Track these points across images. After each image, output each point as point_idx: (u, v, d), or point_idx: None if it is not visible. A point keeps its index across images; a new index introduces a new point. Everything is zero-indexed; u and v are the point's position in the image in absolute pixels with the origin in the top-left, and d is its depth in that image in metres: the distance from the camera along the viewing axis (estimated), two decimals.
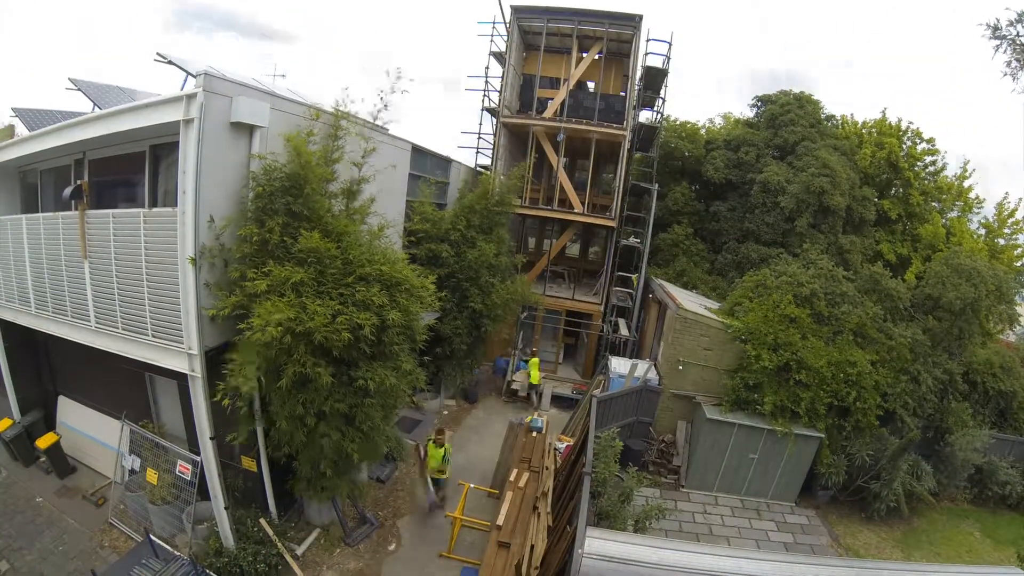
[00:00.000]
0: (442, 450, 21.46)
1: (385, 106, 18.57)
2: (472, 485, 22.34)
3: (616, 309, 37.98)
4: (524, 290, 31.12)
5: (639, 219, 38.61)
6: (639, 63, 37.33)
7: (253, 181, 15.64)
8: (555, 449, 24.85)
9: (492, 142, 38.46)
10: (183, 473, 17.41)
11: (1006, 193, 42.16)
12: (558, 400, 34.44)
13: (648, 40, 36.25)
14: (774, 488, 25.18)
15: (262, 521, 17.59)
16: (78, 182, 17.31)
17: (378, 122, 19.32)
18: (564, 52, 39.52)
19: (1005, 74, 16.17)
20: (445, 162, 32.40)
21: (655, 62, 36.89)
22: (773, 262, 32.31)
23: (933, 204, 41.61)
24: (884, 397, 24.95)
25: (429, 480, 21.29)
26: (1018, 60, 15.92)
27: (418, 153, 27.51)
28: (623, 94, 39.41)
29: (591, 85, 41.90)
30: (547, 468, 23.17)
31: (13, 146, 19.87)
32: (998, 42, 16.35)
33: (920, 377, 25.53)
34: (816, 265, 29.06)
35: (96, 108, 20.53)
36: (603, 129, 36.30)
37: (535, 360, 33.97)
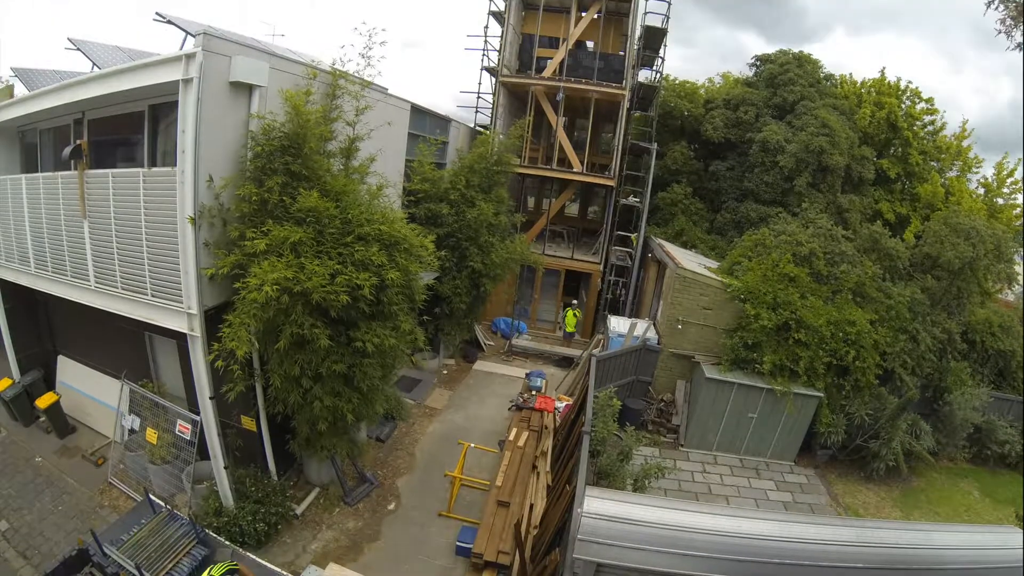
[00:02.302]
0: None
1: (368, 63, 18.39)
2: (472, 444, 22.37)
3: (615, 268, 37.95)
4: (523, 249, 31.02)
5: (638, 178, 38.44)
6: (638, 22, 37.08)
7: (252, 141, 15.53)
8: (554, 408, 24.92)
9: (491, 102, 38.24)
10: (183, 432, 17.43)
11: (1006, 153, 41.96)
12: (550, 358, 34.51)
13: None
14: (773, 447, 25.23)
15: None
16: (77, 142, 17.16)
17: (372, 79, 19.14)
18: (563, 11, 39.09)
19: (999, 32, 16.02)
20: (444, 122, 32.13)
21: (654, 21, 36.59)
22: (772, 221, 32.05)
23: (932, 164, 41.46)
24: (883, 356, 24.93)
25: None
26: (1012, 19, 15.76)
27: (417, 113, 27.26)
28: (622, 53, 38.88)
29: (590, 44, 41.46)
30: (546, 427, 23.23)
31: (12, 106, 19.70)
32: None
33: (919, 336, 25.48)
34: (815, 224, 28.85)
35: (95, 68, 20.33)
36: (602, 88, 36.01)
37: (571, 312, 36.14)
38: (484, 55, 37.97)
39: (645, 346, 27.59)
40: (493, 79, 38.35)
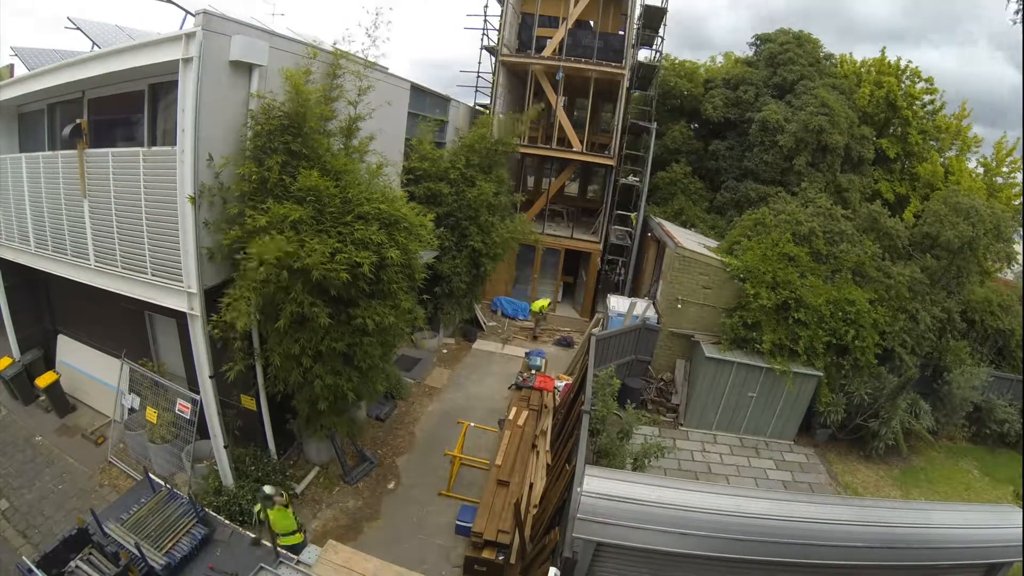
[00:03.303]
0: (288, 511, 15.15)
1: (373, 42, 18.35)
2: (472, 424, 22.39)
3: (615, 248, 37.92)
4: (523, 229, 30.97)
5: (638, 158, 38.23)
6: (638, 1, 36.92)
7: (252, 120, 15.52)
8: (554, 388, 24.95)
9: (491, 81, 38.12)
10: (182, 412, 17.44)
11: (1004, 132, 41.80)
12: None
13: None
14: (773, 426, 25.26)
15: None
16: (77, 121, 17.12)
17: (372, 59, 19.09)
18: None
19: (1015, 23, 15.95)
20: (444, 101, 32.02)
21: (654, 1, 36.44)
22: (772, 200, 32.06)
23: (931, 143, 41.15)
24: (882, 335, 24.91)
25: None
26: None
27: (417, 92, 27.17)
28: (622, 33, 38.65)
29: (590, 24, 41.31)
30: (546, 407, 23.24)
31: (12, 85, 19.64)
32: None
33: (918, 315, 25.46)
34: (815, 204, 28.87)
35: (95, 47, 20.25)
36: (602, 68, 35.72)
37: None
38: (484, 34, 37.77)
39: (645, 325, 27.56)
40: (493, 58, 38.14)
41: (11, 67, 25.52)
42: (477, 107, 38.19)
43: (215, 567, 13.88)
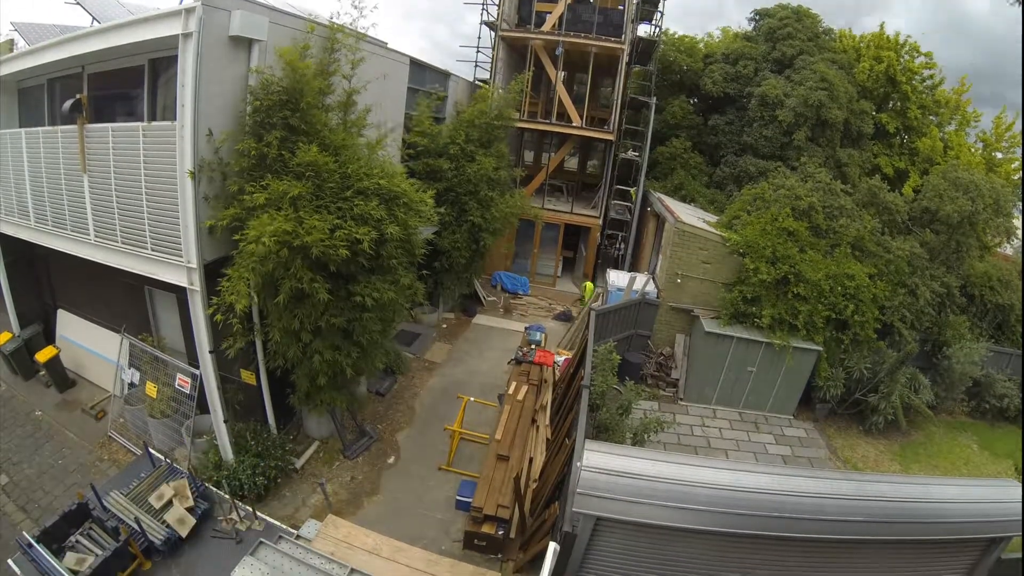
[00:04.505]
0: None
1: (360, 13, 18.23)
2: (471, 398, 22.41)
3: (614, 222, 37.86)
4: (523, 204, 30.95)
5: (637, 132, 38.20)
6: None
7: (251, 95, 15.43)
8: (554, 363, 24.96)
9: (491, 56, 37.96)
10: (182, 386, 17.45)
11: (1003, 107, 41.71)
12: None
13: None
14: (772, 401, 25.31)
15: None
16: (77, 96, 17.01)
17: (366, 31, 19.00)
18: None
19: (1012, 3, 15.84)
20: (443, 76, 31.82)
21: None
22: (771, 175, 31.99)
23: (931, 118, 41.06)
24: (882, 310, 24.96)
25: None
26: None
27: (416, 67, 26.98)
28: (621, 8, 38.37)
29: None
30: (546, 381, 23.26)
31: (13, 60, 19.52)
32: None
33: (918, 290, 25.46)
34: (814, 178, 28.82)
35: (95, 22, 20.15)
36: (601, 43, 35.59)
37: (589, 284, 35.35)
38: (483, 9, 37.60)
39: (644, 300, 27.55)
40: (492, 33, 37.96)
41: (11, 42, 25.45)
42: (477, 82, 38.00)
43: (217, 532, 14.00)
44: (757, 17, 43.47)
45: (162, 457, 16.00)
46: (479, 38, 38.03)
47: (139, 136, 15.82)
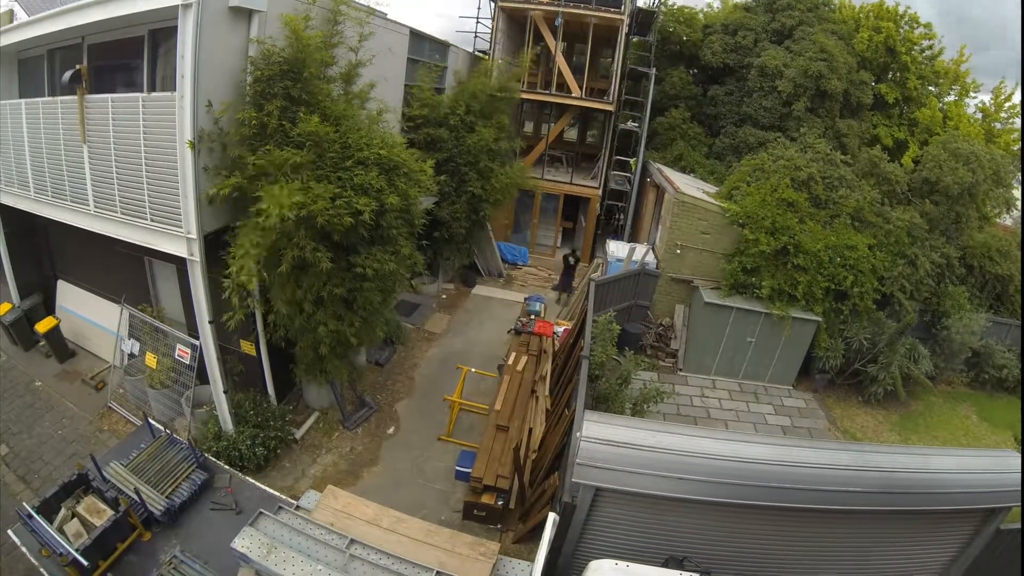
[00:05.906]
0: None
1: None
2: (471, 369, 22.41)
3: (614, 193, 37.84)
4: (522, 174, 30.85)
5: (637, 103, 37.95)
6: None
7: (251, 66, 15.33)
8: (553, 333, 24.96)
9: (490, 27, 37.75)
10: (182, 357, 17.43)
11: (1003, 78, 41.54)
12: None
13: None
14: (772, 371, 25.37)
15: None
16: (76, 67, 16.86)
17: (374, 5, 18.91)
18: None
19: None
20: (443, 47, 31.61)
21: None
22: (771, 146, 31.84)
23: (930, 88, 41.00)
24: (881, 281, 24.93)
25: None
26: None
27: (416, 38, 26.75)
28: None
29: None
30: (545, 352, 23.26)
31: (13, 30, 19.35)
32: None
33: (917, 261, 25.40)
34: (814, 149, 28.73)
35: None
36: (601, 13, 35.27)
37: None
38: None
39: (644, 271, 27.51)
40: (492, 4, 37.67)
41: (11, 12, 25.32)
42: (477, 53, 37.78)
43: (217, 502, 14.03)
44: None
45: (162, 428, 16.00)
46: (479, 8, 37.72)
47: (139, 107, 15.71)
